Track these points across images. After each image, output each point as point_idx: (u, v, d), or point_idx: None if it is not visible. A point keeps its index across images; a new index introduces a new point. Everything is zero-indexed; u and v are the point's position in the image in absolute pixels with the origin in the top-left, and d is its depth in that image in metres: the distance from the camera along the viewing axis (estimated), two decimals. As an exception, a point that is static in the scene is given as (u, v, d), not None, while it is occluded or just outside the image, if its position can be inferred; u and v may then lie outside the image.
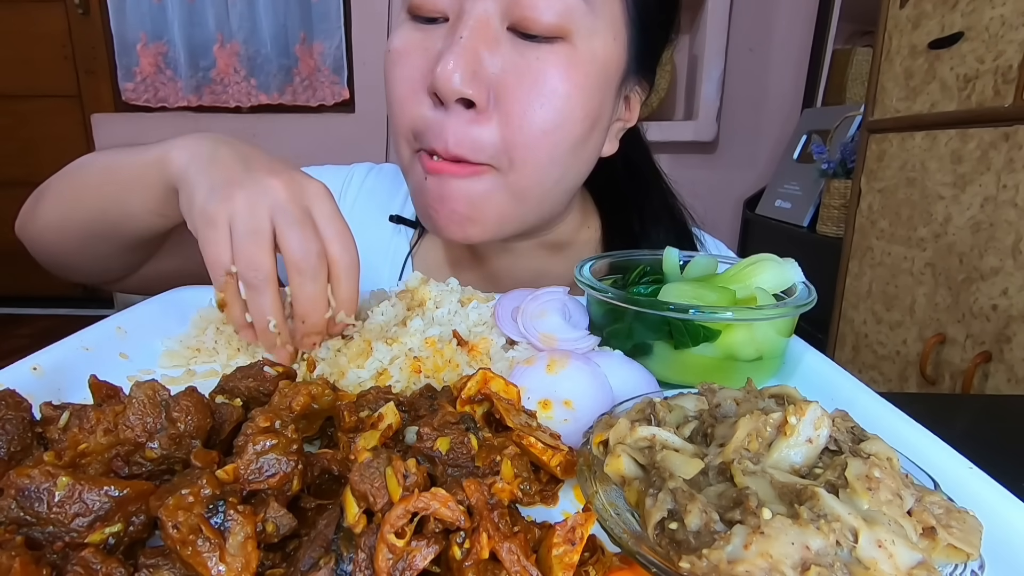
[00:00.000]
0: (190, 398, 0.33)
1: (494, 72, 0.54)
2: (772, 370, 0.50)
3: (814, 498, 0.25)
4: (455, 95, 0.53)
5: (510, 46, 0.54)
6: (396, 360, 0.47)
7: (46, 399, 0.36)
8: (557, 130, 0.56)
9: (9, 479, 0.27)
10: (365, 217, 0.79)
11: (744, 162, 2.43)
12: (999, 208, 1.11)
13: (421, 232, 0.78)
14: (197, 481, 0.26)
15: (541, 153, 0.57)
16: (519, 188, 0.59)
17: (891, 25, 1.39)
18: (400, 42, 0.58)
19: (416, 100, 0.57)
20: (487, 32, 0.54)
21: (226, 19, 2.43)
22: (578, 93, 0.56)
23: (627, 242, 0.73)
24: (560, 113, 0.56)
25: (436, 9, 0.56)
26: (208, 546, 0.24)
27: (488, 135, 0.56)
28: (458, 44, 0.53)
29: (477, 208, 0.60)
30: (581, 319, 0.53)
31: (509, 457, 0.33)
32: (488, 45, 0.54)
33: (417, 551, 0.26)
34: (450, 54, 0.52)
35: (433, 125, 0.56)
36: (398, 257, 0.77)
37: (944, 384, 1.23)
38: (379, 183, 0.82)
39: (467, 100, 0.54)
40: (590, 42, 0.55)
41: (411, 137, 0.59)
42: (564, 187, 0.63)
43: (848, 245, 1.54)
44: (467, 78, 0.53)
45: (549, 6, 0.52)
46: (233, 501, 0.26)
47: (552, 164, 0.59)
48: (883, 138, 1.41)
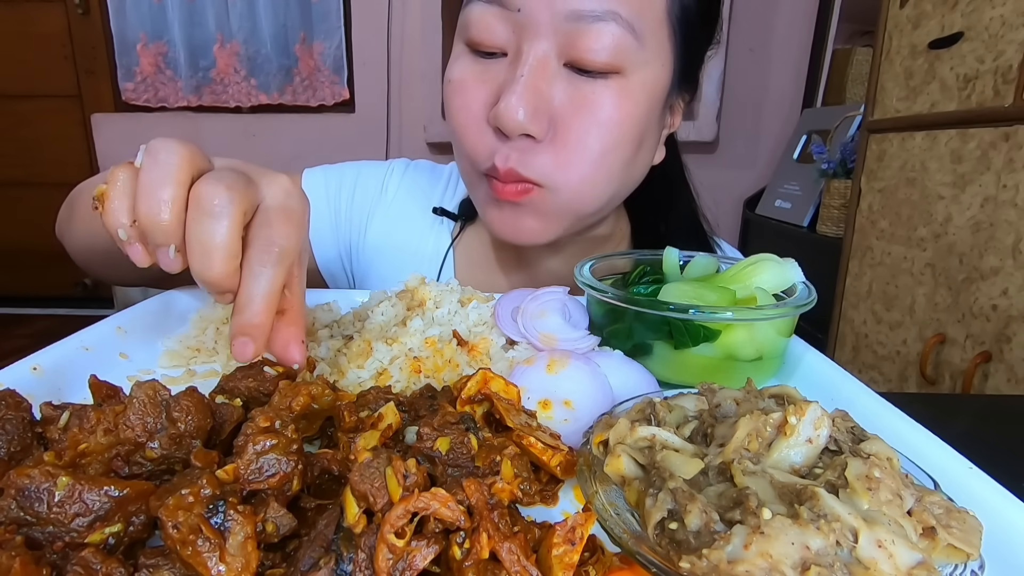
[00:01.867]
0: (190, 398, 0.33)
1: (552, 106, 0.58)
2: (772, 370, 0.50)
3: (814, 498, 0.25)
4: (519, 130, 0.57)
5: (567, 81, 0.58)
6: (396, 360, 0.47)
7: (46, 399, 0.36)
8: (609, 154, 0.60)
9: (9, 479, 0.27)
10: (406, 209, 0.82)
11: (744, 162, 2.43)
12: (999, 208, 1.11)
13: (462, 225, 0.81)
14: (197, 481, 0.26)
15: (592, 178, 0.61)
16: (573, 207, 0.63)
17: (891, 25, 1.39)
18: (460, 73, 0.61)
19: (478, 129, 0.61)
20: (546, 70, 0.57)
21: (226, 19, 2.43)
22: (630, 120, 0.59)
23: (653, 242, 0.76)
24: (612, 139, 0.59)
25: (495, 45, 0.58)
26: (208, 546, 0.24)
27: (540, 160, 0.59)
28: (519, 82, 0.56)
29: (537, 223, 0.64)
30: (581, 319, 0.53)
31: (509, 457, 0.33)
32: (547, 81, 0.57)
33: (417, 551, 0.26)
34: (512, 92, 0.55)
35: (492, 150, 0.60)
36: (440, 248, 0.80)
37: (944, 384, 1.23)
38: (418, 177, 0.85)
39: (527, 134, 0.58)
40: (641, 73, 0.58)
41: (473, 159, 0.63)
42: (616, 198, 0.67)
43: (848, 245, 1.53)
44: (529, 114, 0.56)
45: (602, 47, 0.55)
46: (233, 501, 0.26)
47: (604, 185, 0.63)
48: (883, 138, 1.41)
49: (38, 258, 2.63)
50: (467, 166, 0.65)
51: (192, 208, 0.36)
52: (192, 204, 0.36)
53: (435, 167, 0.88)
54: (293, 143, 2.49)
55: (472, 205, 0.78)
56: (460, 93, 0.61)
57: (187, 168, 0.37)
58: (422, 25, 2.31)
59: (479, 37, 0.59)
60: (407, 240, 0.81)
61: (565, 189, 0.61)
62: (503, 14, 0.57)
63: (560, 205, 0.62)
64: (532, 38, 0.56)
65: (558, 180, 0.60)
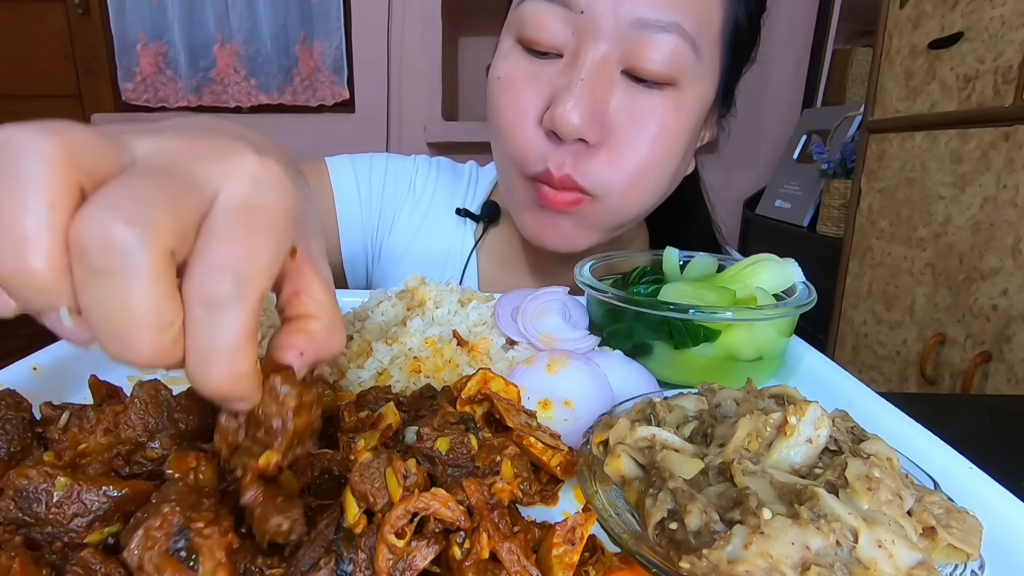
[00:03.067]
0: (192, 398, 0.33)
1: (607, 112, 0.57)
2: (772, 370, 0.50)
3: (814, 498, 0.25)
4: (575, 135, 0.56)
5: (623, 89, 0.57)
6: (396, 360, 0.47)
7: (46, 399, 0.36)
8: (659, 165, 0.60)
9: (8, 479, 0.27)
10: (432, 210, 0.81)
11: (744, 162, 2.43)
12: (999, 208, 1.11)
13: (486, 227, 0.80)
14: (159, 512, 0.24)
15: (642, 187, 0.61)
16: (617, 216, 0.63)
17: (891, 25, 1.39)
18: (510, 70, 0.60)
19: (528, 130, 0.59)
20: (604, 75, 0.56)
21: (226, 19, 2.43)
22: (682, 134, 0.59)
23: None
24: (665, 151, 0.59)
25: (552, 44, 0.57)
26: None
27: (596, 167, 0.58)
28: (578, 86, 0.55)
29: (576, 231, 0.63)
30: (581, 319, 0.53)
31: (509, 457, 0.33)
32: (604, 87, 0.56)
33: (417, 551, 0.26)
34: (571, 96, 0.54)
35: (543, 153, 0.59)
36: (464, 250, 0.79)
37: (944, 384, 1.23)
38: (443, 177, 0.84)
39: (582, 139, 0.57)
40: (695, 88, 0.58)
41: (521, 161, 0.61)
42: (650, 206, 0.67)
43: (848, 245, 1.53)
44: (587, 120, 0.55)
45: (662, 56, 0.55)
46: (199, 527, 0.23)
47: (650, 195, 0.63)
48: (883, 138, 1.41)
49: (38, 258, 2.63)
50: (510, 167, 0.63)
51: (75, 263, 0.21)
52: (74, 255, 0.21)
53: (455, 166, 0.86)
54: (293, 143, 2.47)
55: (494, 206, 0.78)
56: (509, 91, 0.60)
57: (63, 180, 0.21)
58: (422, 25, 2.31)
59: (536, 35, 0.57)
60: (432, 242, 0.79)
61: (614, 196, 0.60)
62: (564, 14, 0.55)
63: (604, 214, 0.62)
64: (593, 41, 0.55)
65: (610, 188, 0.59)
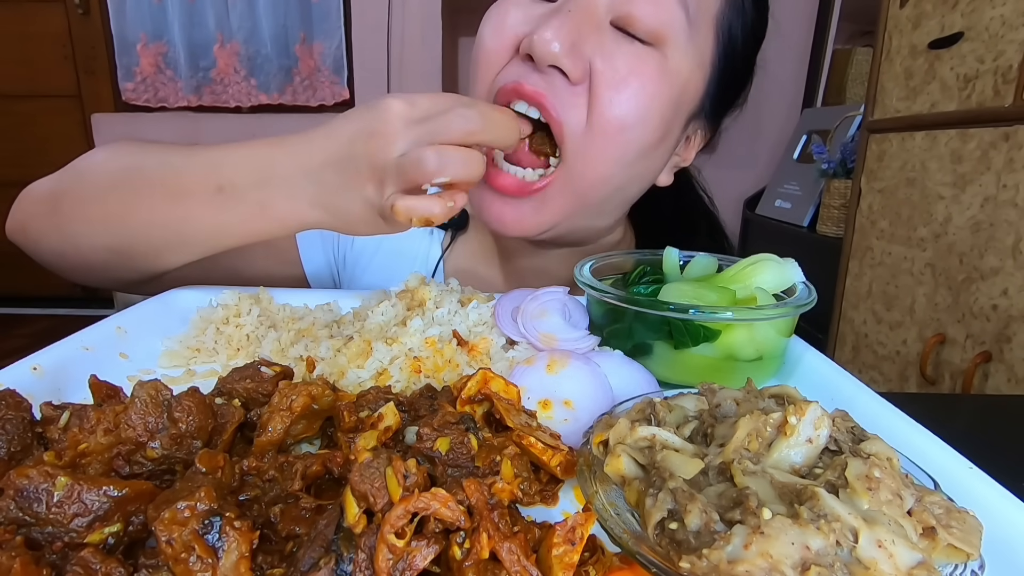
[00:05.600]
0: (192, 398, 0.33)
1: (590, 53, 0.55)
2: (772, 370, 0.50)
3: (814, 498, 0.25)
4: (551, 59, 0.54)
5: (610, 36, 0.56)
6: (396, 360, 0.47)
7: (46, 399, 0.36)
8: (635, 127, 0.58)
9: (8, 479, 0.27)
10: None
11: (744, 162, 2.43)
12: (999, 208, 1.11)
13: (453, 236, 0.80)
14: (196, 493, 0.26)
15: (614, 147, 0.58)
16: (583, 186, 0.60)
17: (891, 25, 1.39)
18: (499, 4, 0.59)
19: (500, 53, 0.58)
20: (592, 17, 0.55)
21: (226, 19, 2.43)
22: (660, 99, 0.58)
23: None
24: (642, 110, 0.57)
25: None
26: (200, 565, 0.24)
27: (572, 103, 0.56)
28: (563, 14, 0.54)
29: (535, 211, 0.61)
30: (581, 319, 0.53)
31: (509, 457, 0.33)
32: (590, 28, 0.55)
33: (417, 551, 0.26)
34: (552, 22, 0.53)
35: (518, 73, 0.57)
36: (430, 260, 0.79)
37: (944, 384, 1.23)
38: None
39: (561, 71, 0.55)
40: (680, 59, 0.58)
41: (487, 80, 0.59)
42: (621, 198, 0.65)
43: (848, 245, 1.53)
44: (566, 48, 0.54)
45: (656, 11, 0.55)
46: (230, 517, 0.26)
47: (619, 164, 0.60)
48: (883, 138, 1.41)
49: (38, 258, 2.63)
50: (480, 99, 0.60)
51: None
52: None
53: None
54: (293, 143, 2.48)
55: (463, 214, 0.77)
56: (495, 16, 0.59)
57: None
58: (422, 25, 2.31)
59: None
60: (396, 248, 0.79)
61: (584, 152, 0.57)
62: None
63: (565, 185, 0.59)
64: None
65: (580, 136, 0.57)
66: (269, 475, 0.32)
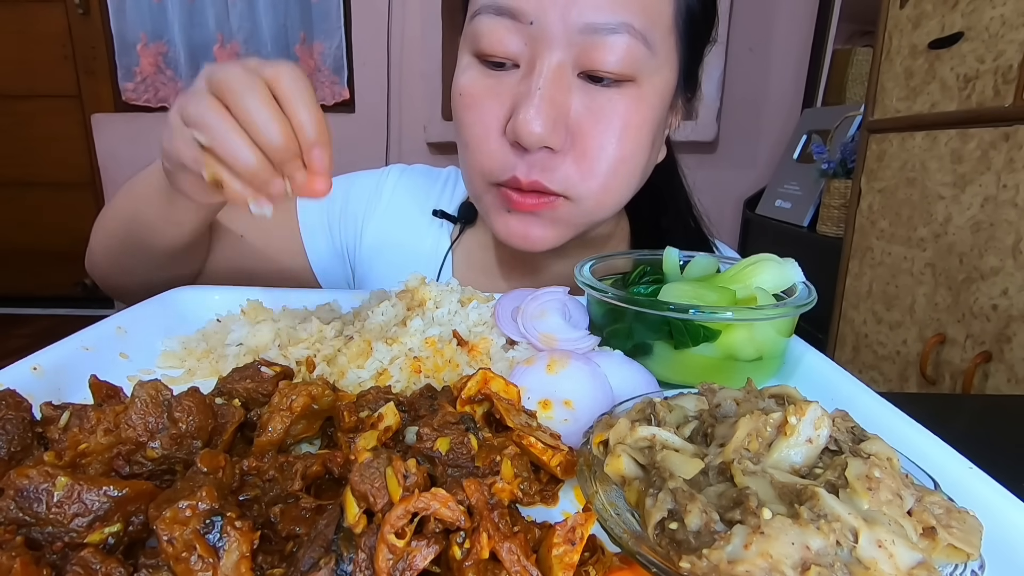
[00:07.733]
0: (192, 398, 0.33)
1: (570, 116, 0.58)
2: (772, 370, 0.50)
3: (814, 498, 0.25)
4: (539, 143, 0.57)
5: (582, 91, 0.58)
6: (396, 360, 0.47)
7: (46, 399, 0.36)
8: (629, 160, 0.61)
9: (8, 479, 0.27)
10: (403, 212, 0.82)
11: (744, 162, 2.43)
12: (999, 208, 1.11)
13: (462, 227, 0.81)
14: (197, 492, 0.26)
15: (615, 185, 0.62)
16: (590, 212, 0.63)
17: (891, 25, 1.39)
18: (471, 86, 0.61)
19: (493, 143, 0.60)
20: (562, 81, 0.57)
21: (226, 19, 2.43)
22: (647, 126, 0.60)
23: (652, 240, 0.77)
24: (632, 146, 0.60)
25: (507, 55, 0.58)
26: (201, 564, 0.24)
27: (564, 170, 0.59)
28: (537, 95, 0.55)
29: (548, 231, 0.64)
30: (581, 319, 0.53)
31: (509, 457, 0.33)
32: (563, 92, 0.57)
33: (417, 551, 0.26)
34: (530, 105, 0.55)
35: (510, 163, 0.60)
36: (439, 251, 0.80)
37: (944, 384, 1.23)
38: (414, 180, 0.85)
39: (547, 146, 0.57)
40: (653, 81, 0.59)
41: (487, 173, 0.62)
42: (625, 201, 0.68)
43: (848, 245, 1.53)
44: (548, 127, 0.56)
45: (616, 57, 0.55)
46: (231, 517, 0.26)
47: (624, 190, 0.64)
48: (883, 138, 1.41)
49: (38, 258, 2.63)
50: (477, 178, 0.64)
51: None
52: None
53: (431, 170, 0.87)
54: (293, 143, 2.48)
55: (471, 208, 0.78)
56: (473, 107, 0.60)
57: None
58: (422, 25, 2.31)
59: (490, 49, 0.58)
60: (405, 241, 0.81)
61: (588, 198, 0.61)
62: (515, 26, 0.56)
63: (579, 214, 0.63)
64: (546, 50, 0.56)
65: (581, 190, 0.60)
66: (269, 475, 0.32)
